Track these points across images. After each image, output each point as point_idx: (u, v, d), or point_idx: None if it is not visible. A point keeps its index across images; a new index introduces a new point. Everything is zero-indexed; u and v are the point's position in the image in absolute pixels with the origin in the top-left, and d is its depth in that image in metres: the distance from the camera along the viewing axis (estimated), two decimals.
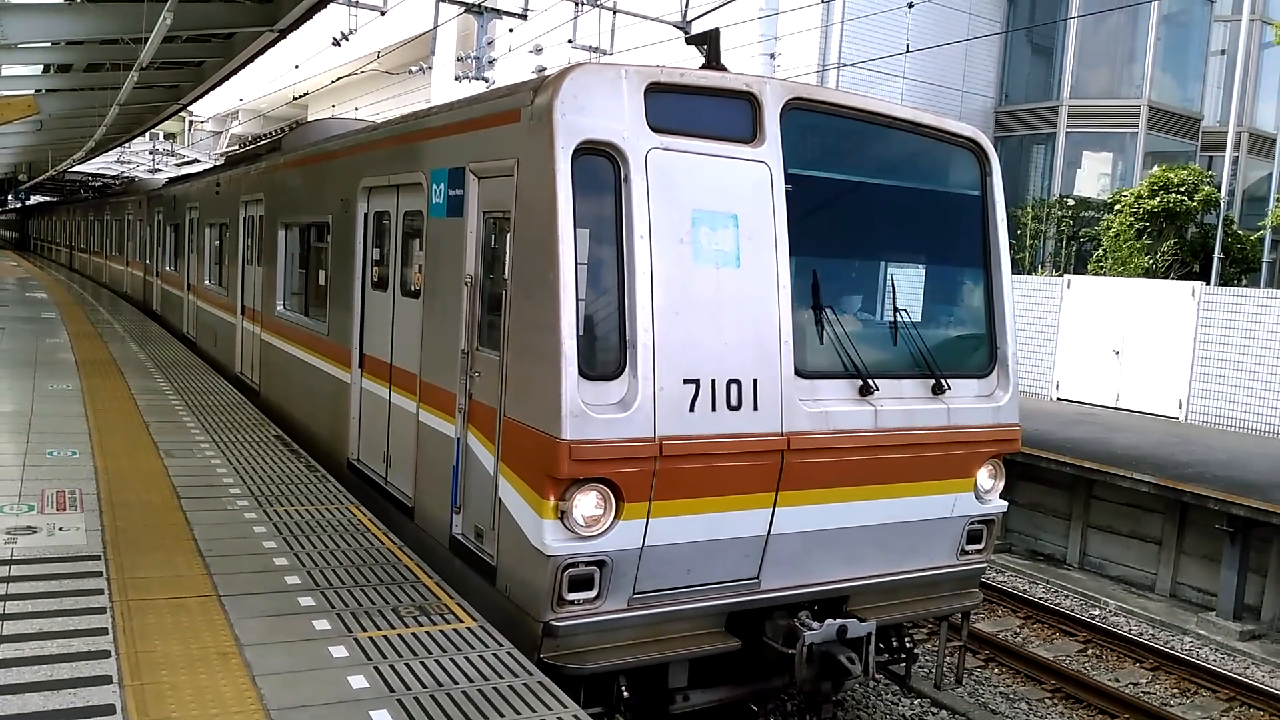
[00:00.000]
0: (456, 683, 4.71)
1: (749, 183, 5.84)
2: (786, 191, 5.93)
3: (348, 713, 4.32)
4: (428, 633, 5.27)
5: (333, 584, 5.85)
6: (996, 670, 10.25)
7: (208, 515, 6.94)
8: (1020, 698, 9.66)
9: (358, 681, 4.61)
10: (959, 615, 7.30)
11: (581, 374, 5.30)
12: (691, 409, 5.53)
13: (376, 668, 4.77)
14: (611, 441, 5.33)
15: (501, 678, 4.81)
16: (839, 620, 6.18)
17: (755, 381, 5.73)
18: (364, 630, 5.21)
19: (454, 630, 5.34)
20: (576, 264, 5.34)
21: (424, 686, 4.63)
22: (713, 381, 5.61)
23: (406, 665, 4.84)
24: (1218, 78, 29.49)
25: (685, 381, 5.52)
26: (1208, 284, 19.31)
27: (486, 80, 20.37)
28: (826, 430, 6.00)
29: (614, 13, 19.61)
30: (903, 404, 6.38)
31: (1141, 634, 11.83)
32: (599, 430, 5.29)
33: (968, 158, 7.00)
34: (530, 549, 5.50)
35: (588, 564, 5.49)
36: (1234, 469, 13.33)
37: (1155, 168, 23.49)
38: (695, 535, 5.74)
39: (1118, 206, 23.02)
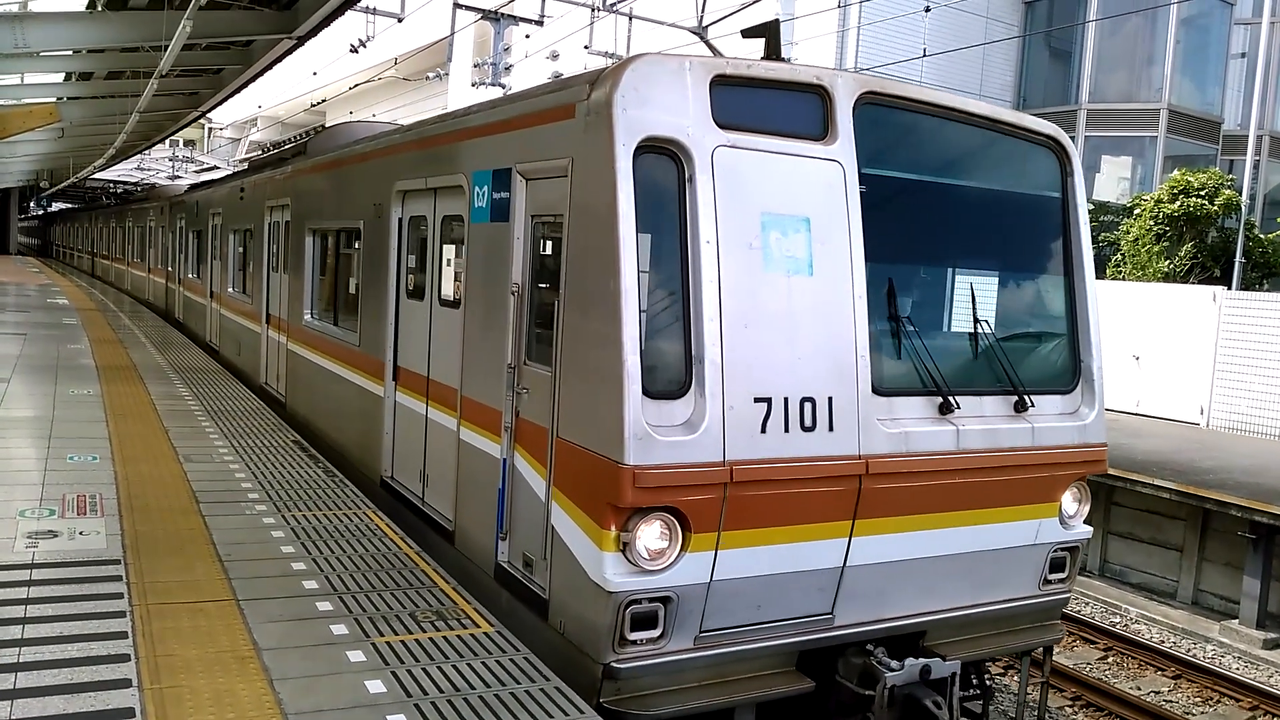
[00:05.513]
0: (474, 688, 4.70)
1: (821, 183, 5.41)
2: (860, 193, 5.51)
3: (365, 717, 4.32)
4: (445, 638, 5.27)
5: (350, 588, 5.86)
6: (1015, 678, 10.18)
7: (226, 520, 6.96)
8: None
9: (375, 686, 4.61)
10: (1040, 650, 6.81)
11: (644, 392, 4.88)
12: (763, 430, 5.12)
13: (394, 672, 4.77)
14: (678, 467, 4.89)
15: (519, 683, 4.80)
16: (922, 659, 5.74)
17: (830, 400, 5.30)
18: (381, 635, 5.21)
19: (471, 635, 5.34)
20: (639, 272, 4.95)
21: (441, 691, 4.63)
22: (785, 400, 5.18)
23: (424, 670, 4.84)
24: (1238, 81, 29.28)
25: (756, 400, 5.11)
26: (1229, 288, 19.14)
27: (503, 86, 20.43)
28: (906, 452, 5.56)
29: (630, 18, 19.66)
30: (984, 423, 5.93)
31: (1163, 642, 11.72)
32: (664, 454, 4.86)
33: (1048, 157, 6.57)
34: (589, 583, 5.07)
35: (651, 600, 5.04)
36: (1257, 475, 13.20)
37: (1175, 171, 23.33)
38: (766, 568, 5.31)
39: (1137, 211, 22.87)
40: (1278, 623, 12.00)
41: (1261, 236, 23.42)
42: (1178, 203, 21.80)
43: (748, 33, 6.48)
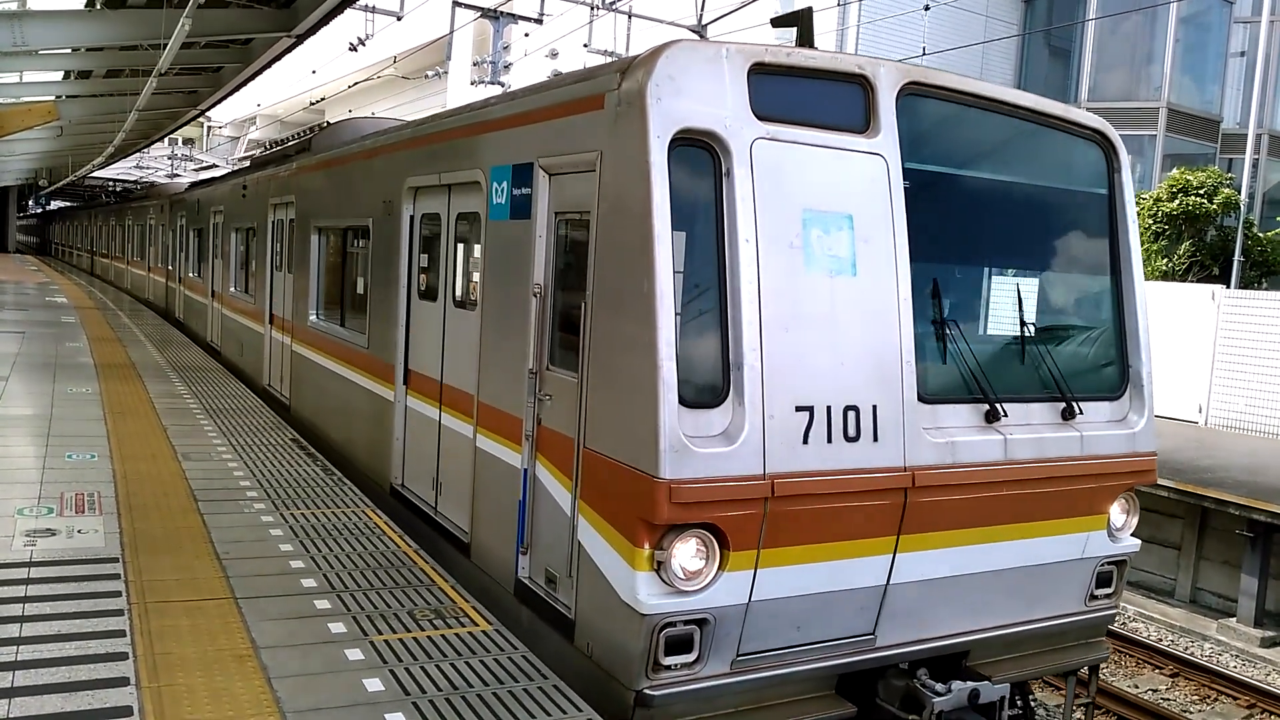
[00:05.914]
0: (472, 686, 4.71)
1: (864, 178, 5.13)
2: (904, 188, 5.25)
3: (364, 715, 4.33)
4: (443, 636, 5.27)
5: (348, 587, 5.87)
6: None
7: (224, 518, 6.97)
8: (1038, 704, 9.58)
9: (373, 684, 4.62)
10: (1086, 669, 6.59)
11: (680, 401, 4.60)
12: (805, 440, 4.84)
13: (392, 670, 4.78)
14: (715, 480, 4.62)
15: (517, 681, 4.81)
16: (970, 683, 5.49)
17: (875, 408, 5.04)
18: (380, 633, 5.21)
19: (469, 634, 5.34)
20: (674, 272, 4.66)
21: (439, 690, 4.64)
22: (828, 408, 4.90)
23: (422, 668, 4.84)
24: (1237, 79, 29.28)
25: (798, 409, 4.83)
26: (1227, 287, 19.15)
27: (502, 84, 20.43)
28: (952, 463, 5.29)
29: (629, 16, 19.67)
30: (1032, 431, 5.67)
31: (1161, 640, 11.73)
32: (701, 467, 4.59)
33: (1094, 151, 6.34)
34: (619, 604, 4.79)
35: (687, 623, 4.78)
36: (1255, 474, 13.21)
37: (1174, 170, 23.34)
38: (807, 587, 5.05)
39: (1135, 209, 22.88)
40: (1275, 621, 12.01)
41: (1260, 235, 23.44)
42: (1176, 201, 21.81)
43: (777, 21, 6.22)
